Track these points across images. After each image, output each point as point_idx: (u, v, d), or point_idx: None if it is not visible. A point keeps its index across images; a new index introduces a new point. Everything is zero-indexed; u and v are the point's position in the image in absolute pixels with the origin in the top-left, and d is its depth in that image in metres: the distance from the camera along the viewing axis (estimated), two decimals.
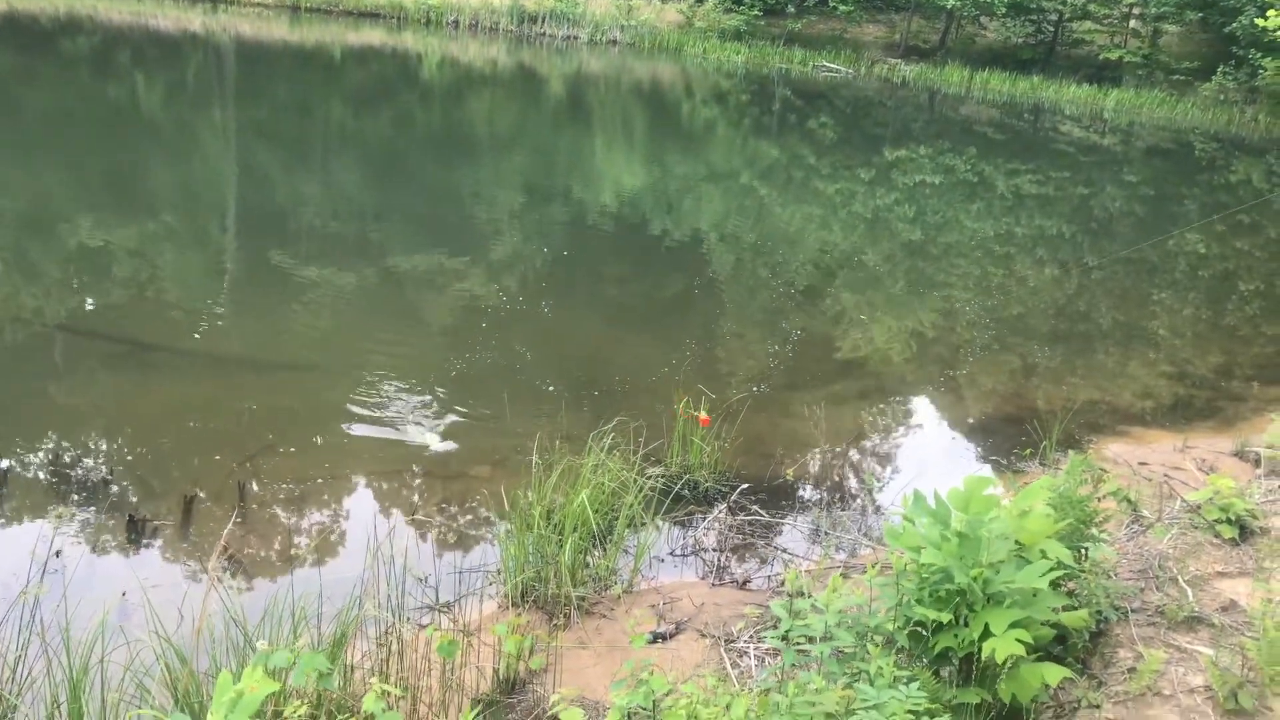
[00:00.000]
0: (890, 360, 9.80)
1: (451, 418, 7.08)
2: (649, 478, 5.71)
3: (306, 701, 3.60)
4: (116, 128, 18.47)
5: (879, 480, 6.84)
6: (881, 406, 8.42)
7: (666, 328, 9.92)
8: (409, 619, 4.62)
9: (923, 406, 8.61)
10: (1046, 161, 25.89)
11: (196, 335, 8.38)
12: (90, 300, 9.17)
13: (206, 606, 3.63)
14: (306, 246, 11.73)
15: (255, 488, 6.00)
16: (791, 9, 46.60)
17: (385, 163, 18.10)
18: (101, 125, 18.55)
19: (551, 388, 7.83)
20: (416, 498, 6.05)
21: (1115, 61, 44.57)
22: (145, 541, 5.43)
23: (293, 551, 5.39)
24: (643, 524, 5.53)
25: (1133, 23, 47.04)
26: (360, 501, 6.02)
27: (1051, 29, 48.30)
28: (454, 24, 40.87)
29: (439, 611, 4.74)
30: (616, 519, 5.38)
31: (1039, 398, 8.88)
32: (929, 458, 7.40)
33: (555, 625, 4.76)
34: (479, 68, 33.87)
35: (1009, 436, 7.79)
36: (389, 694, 3.42)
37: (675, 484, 6.11)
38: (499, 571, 5.12)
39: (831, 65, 43.92)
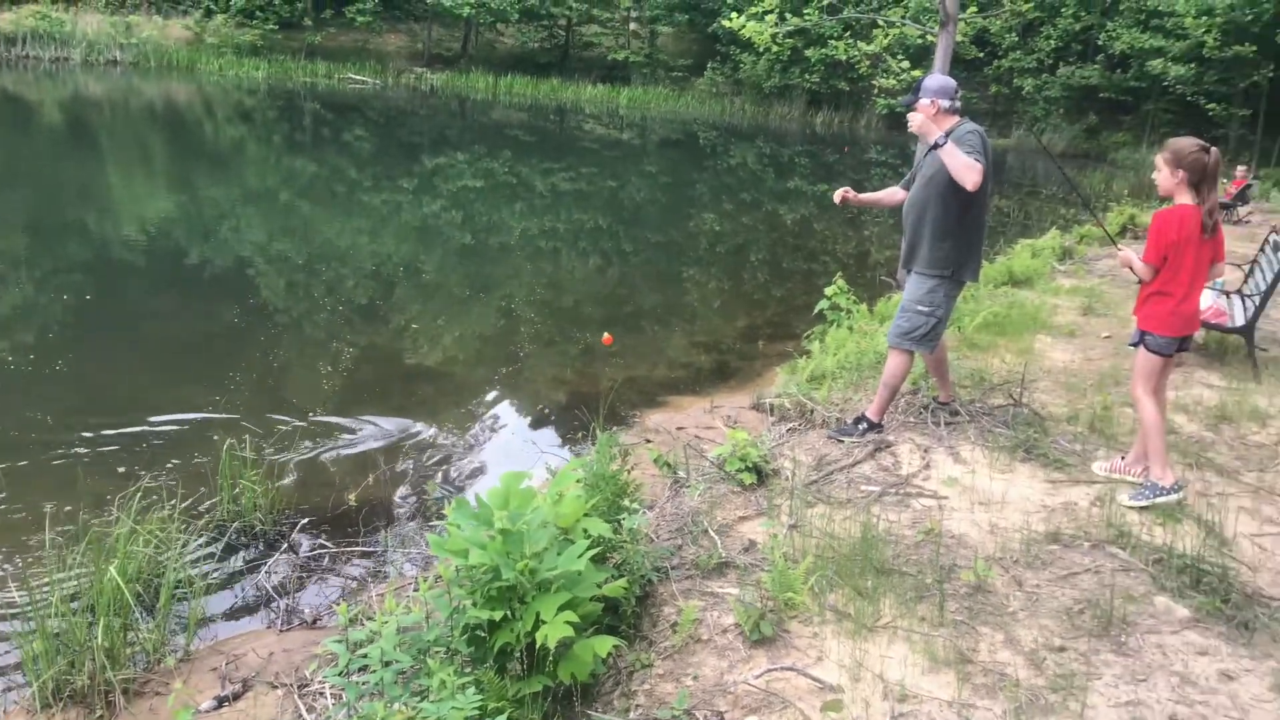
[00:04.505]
0: (453, 365, 9.89)
1: None
2: (195, 532, 5.26)
3: None
4: None
5: (443, 490, 6.86)
6: (444, 414, 8.45)
7: (213, 364, 9.20)
8: None
9: (486, 407, 8.76)
10: (576, 159, 27.53)
11: None
12: None
13: None
14: None
15: None
16: (309, 21, 45.33)
17: None
18: None
19: (80, 449, 6.96)
20: None
21: (622, 62, 48.74)
22: None
23: None
24: (193, 584, 5.09)
25: (632, 25, 51.70)
26: None
27: (563, 33, 51.71)
28: None
29: None
30: (162, 584, 4.91)
31: (593, 381, 9.43)
32: (492, 458, 7.55)
33: (99, 718, 4.24)
34: None
35: (567, 423, 8.19)
36: None
37: (227, 533, 5.71)
38: (21, 671, 4.45)
39: (358, 77, 43.44)
